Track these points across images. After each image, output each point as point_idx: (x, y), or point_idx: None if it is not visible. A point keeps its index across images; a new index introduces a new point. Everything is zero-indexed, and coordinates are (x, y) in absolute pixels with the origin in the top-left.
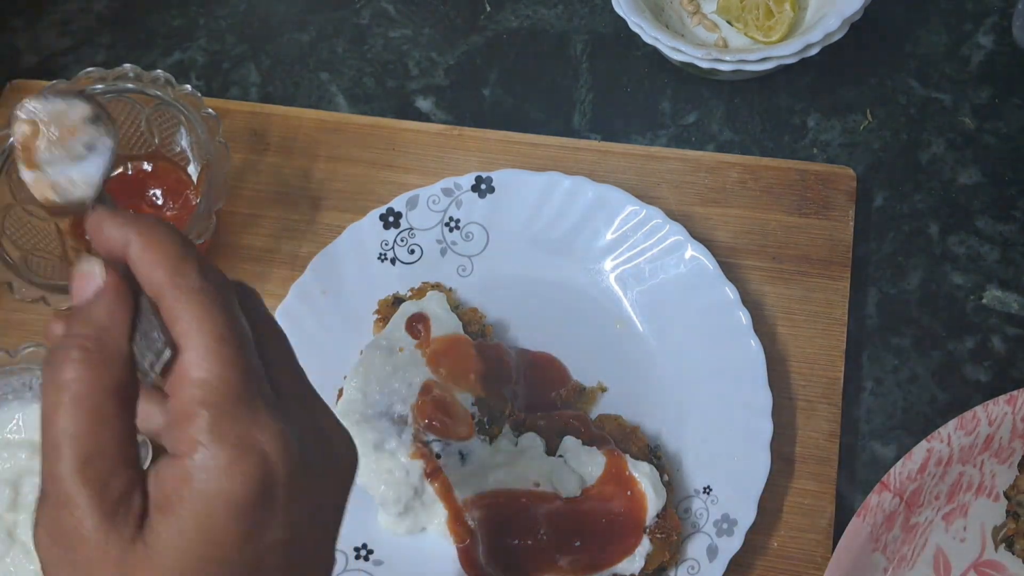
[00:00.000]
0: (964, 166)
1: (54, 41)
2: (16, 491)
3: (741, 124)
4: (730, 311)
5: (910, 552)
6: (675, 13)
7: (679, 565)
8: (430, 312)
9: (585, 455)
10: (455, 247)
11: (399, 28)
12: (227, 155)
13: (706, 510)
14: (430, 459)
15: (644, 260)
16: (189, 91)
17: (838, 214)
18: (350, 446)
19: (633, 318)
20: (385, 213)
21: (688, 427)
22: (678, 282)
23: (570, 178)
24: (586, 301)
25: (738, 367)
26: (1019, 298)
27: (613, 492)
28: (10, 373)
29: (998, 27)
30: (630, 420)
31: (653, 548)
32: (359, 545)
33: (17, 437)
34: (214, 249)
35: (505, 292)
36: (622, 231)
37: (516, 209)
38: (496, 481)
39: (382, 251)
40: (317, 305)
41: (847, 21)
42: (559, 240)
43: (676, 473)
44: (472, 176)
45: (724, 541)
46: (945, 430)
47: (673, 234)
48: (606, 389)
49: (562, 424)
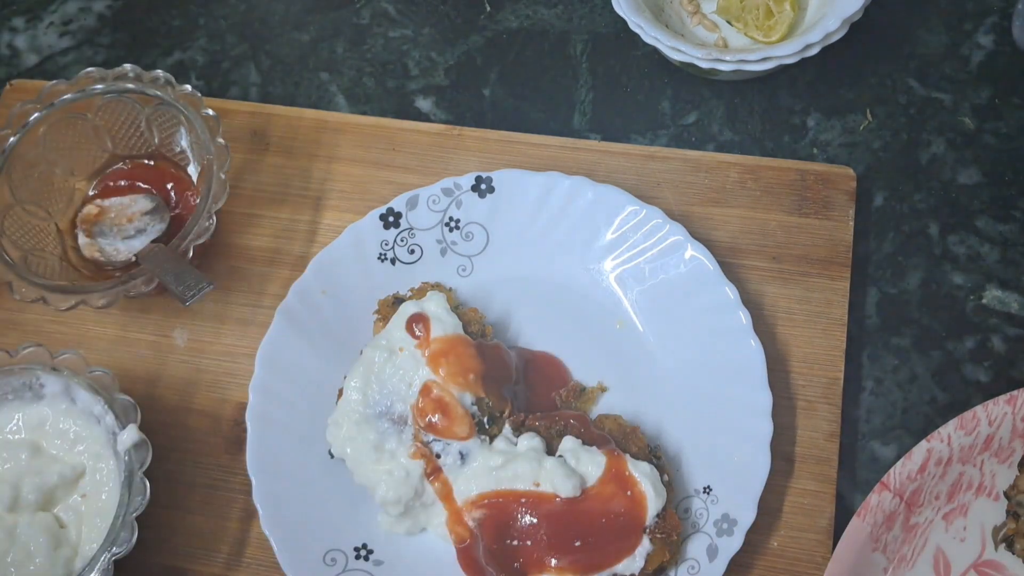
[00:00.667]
0: (964, 166)
1: (54, 41)
2: (17, 491)
3: (741, 124)
4: (730, 311)
5: (910, 552)
6: (675, 13)
7: (679, 565)
8: (430, 312)
9: (585, 455)
10: (455, 247)
11: (399, 28)
12: (227, 155)
13: (706, 510)
14: (430, 459)
15: (644, 260)
16: (189, 91)
17: (838, 214)
18: None
19: (633, 318)
20: (385, 213)
21: (688, 427)
22: (678, 282)
23: (570, 178)
24: (586, 301)
25: (738, 367)
26: (1019, 298)
27: (613, 492)
28: (10, 373)
29: (998, 27)
30: (630, 420)
31: (653, 548)
32: (359, 545)
33: (17, 437)
34: (214, 249)
35: (505, 292)
36: (622, 231)
37: (516, 209)
38: (496, 480)
39: (382, 251)
40: (317, 305)
41: (847, 21)
42: (559, 240)
43: (676, 473)
44: (472, 176)
45: (724, 541)
46: (945, 430)
47: (673, 234)
48: (606, 389)
49: (562, 424)
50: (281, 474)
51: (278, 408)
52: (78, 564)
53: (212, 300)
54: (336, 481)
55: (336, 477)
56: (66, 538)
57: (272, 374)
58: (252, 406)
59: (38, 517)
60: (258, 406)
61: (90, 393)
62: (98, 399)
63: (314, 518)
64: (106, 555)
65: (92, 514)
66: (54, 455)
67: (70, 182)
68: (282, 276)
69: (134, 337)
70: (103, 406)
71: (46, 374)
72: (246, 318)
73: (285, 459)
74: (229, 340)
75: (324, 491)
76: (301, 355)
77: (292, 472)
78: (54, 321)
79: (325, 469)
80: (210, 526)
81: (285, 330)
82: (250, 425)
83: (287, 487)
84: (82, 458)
